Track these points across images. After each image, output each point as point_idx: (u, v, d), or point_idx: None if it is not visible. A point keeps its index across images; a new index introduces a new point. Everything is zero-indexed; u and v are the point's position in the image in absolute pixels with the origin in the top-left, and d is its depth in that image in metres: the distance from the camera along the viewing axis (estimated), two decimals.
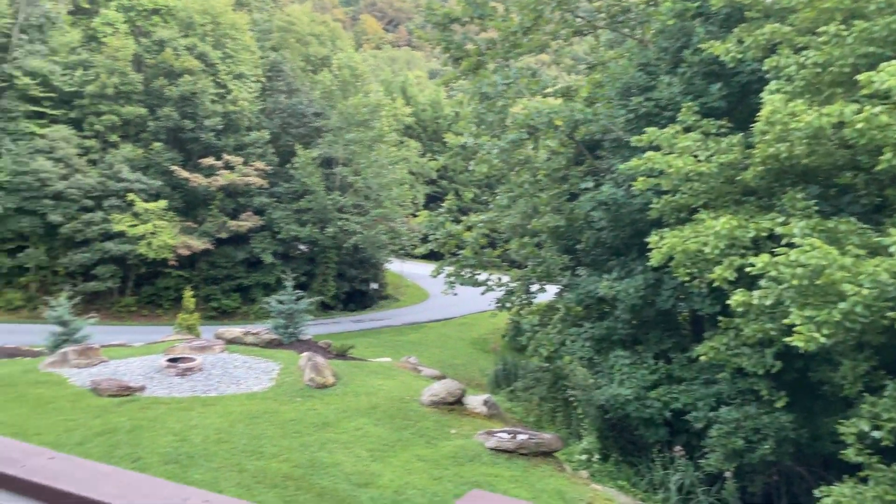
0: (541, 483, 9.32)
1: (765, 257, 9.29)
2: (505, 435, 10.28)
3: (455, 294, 21.98)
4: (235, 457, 9.12)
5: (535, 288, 20.05)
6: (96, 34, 36.67)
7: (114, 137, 35.28)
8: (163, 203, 33.83)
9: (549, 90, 21.58)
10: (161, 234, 33.02)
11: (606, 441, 13.94)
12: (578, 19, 20.24)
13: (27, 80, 33.25)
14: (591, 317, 16.54)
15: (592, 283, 15.56)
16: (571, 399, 14.83)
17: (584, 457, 12.62)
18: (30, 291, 32.53)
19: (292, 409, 11.18)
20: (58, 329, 18.79)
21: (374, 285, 43.99)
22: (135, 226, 32.62)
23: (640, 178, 12.35)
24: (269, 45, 44.84)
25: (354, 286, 41.79)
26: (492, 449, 9.93)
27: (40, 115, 34.22)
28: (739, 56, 11.91)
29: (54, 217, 31.90)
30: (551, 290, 20.21)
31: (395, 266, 46.62)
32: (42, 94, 33.93)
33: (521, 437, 10.28)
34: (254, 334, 16.13)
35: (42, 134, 33.10)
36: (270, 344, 15.68)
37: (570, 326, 16.66)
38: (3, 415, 10.59)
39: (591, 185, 15.74)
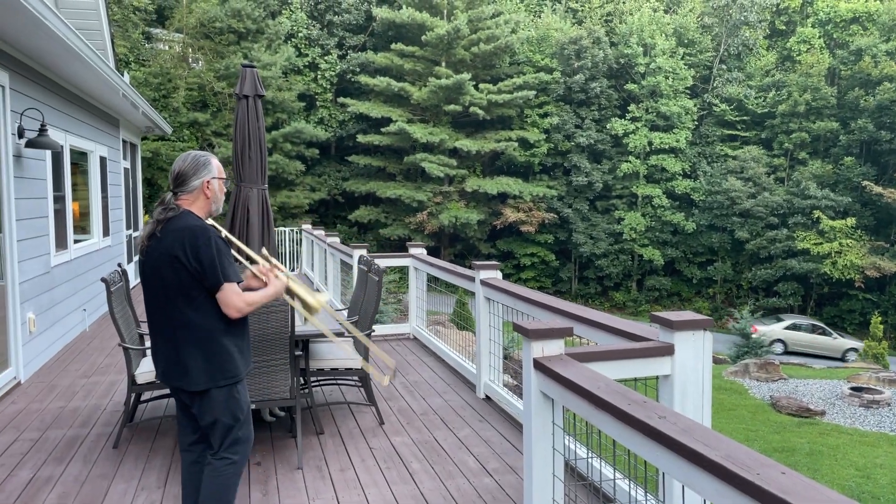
0: None
1: None
2: None
3: None
4: None
5: None
6: (790, 53, 37.13)
7: (802, 154, 35.07)
8: (851, 221, 31.91)
9: None
10: (847, 253, 31.22)
11: None
12: None
13: (724, 106, 36.05)
14: None
15: None
16: None
17: None
18: (715, 302, 35.13)
19: None
20: (740, 341, 19.79)
21: None
22: (819, 244, 31.74)
23: None
24: None
25: None
26: None
27: (733, 138, 36.65)
28: None
29: (741, 234, 33.65)
30: None
31: None
32: (736, 119, 36.26)
33: None
34: None
35: (734, 155, 35.35)
36: None
37: None
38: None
39: None
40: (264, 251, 3.41)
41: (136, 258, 13.14)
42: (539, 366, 2.91)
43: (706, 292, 35.83)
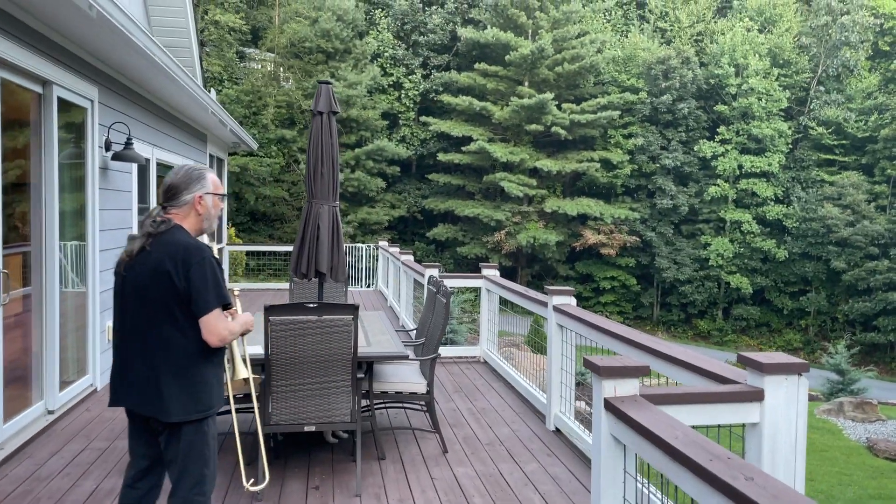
0: None
1: None
2: None
3: None
4: None
5: None
6: (895, 76, 35.12)
7: None
8: None
9: None
10: None
11: None
12: None
13: (821, 129, 34.34)
14: None
15: None
16: None
17: None
18: (808, 335, 33.28)
19: None
20: (834, 377, 18.58)
21: None
22: None
23: None
24: None
25: None
26: None
27: (831, 163, 34.81)
28: None
29: (837, 263, 31.83)
30: None
31: None
32: (834, 143, 34.46)
33: None
34: None
35: (831, 181, 33.57)
36: None
37: None
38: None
39: None
40: (236, 291, 3.31)
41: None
42: (610, 407, 2.67)
43: (798, 324, 34.01)
